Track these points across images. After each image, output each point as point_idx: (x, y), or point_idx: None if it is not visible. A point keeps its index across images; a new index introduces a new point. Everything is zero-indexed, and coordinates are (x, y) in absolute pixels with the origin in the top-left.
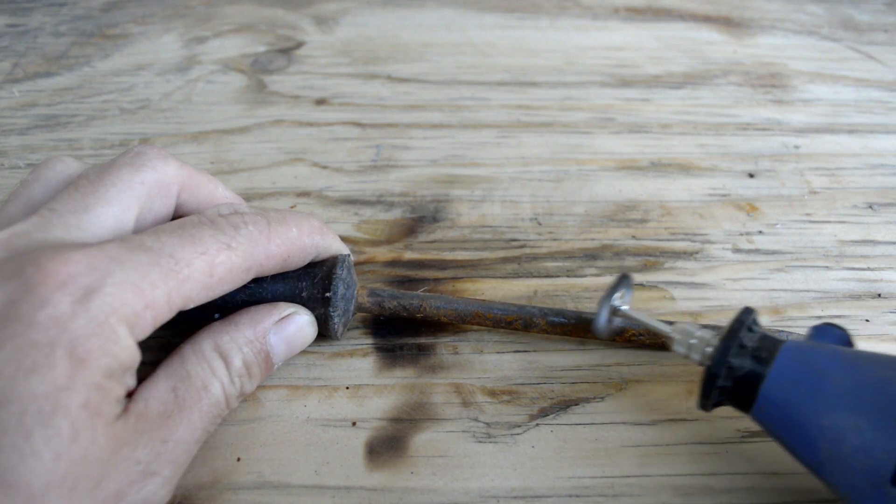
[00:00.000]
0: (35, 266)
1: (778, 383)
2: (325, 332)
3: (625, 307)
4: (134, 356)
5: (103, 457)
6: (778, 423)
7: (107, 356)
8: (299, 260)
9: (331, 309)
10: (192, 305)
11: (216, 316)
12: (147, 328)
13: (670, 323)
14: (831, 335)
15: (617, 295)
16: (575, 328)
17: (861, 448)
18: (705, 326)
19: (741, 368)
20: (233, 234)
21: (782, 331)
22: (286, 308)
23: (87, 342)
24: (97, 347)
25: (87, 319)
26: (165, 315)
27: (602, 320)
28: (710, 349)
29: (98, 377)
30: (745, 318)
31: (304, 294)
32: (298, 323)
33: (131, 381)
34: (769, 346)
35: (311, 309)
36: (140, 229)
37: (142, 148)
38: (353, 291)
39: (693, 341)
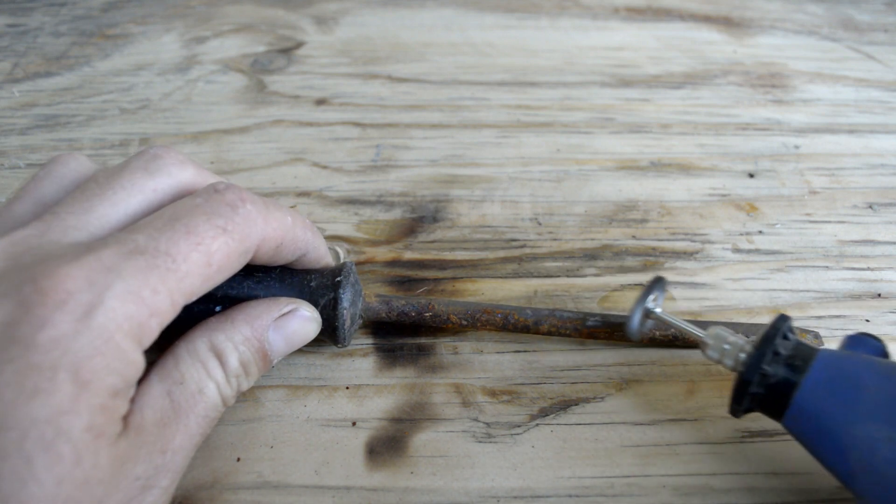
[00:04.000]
0: (32, 284)
1: (811, 392)
2: (332, 323)
3: (658, 310)
4: (140, 368)
5: (105, 478)
6: (809, 431)
7: (112, 375)
8: (290, 251)
9: (341, 291)
10: (194, 299)
11: (217, 308)
12: (154, 335)
13: (703, 326)
14: (866, 345)
15: (650, 297)
16: (577, 331)
17: (894, 460)
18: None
19: (774, 376)
20: (229, 215)
21: (810, 330)
22: (287, 304)
23: (91, 362)
24: (102, 367)
25: (90, 338)
26: (171, 316)
27: (635, 322)
28: (743, 355)
29: (103, 398)
30: (781, 325)
31: (313, 283)
32: (300, 319)
33: (133, 391)
34: (804, 354)
35: (321, 296)
36: None
37: (159, 150)
38: (360, 290)
39: (726, 346)
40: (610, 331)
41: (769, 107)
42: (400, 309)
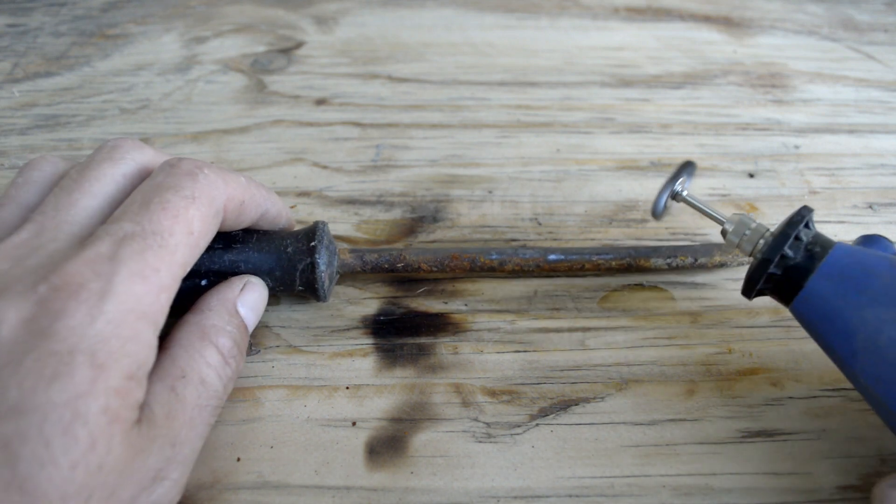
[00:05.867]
0: (45, 283)
1: (826, 276)
2: (312, 285)
3: (684, 192)
4: (153, 352)
5: (119, 466)
6: (818, 315)
7: (127, 357)
8: (253, 209)
9: (317, 256)
10: (187, 270)
11: (203, 283)
12: (165, 312)
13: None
14: (879, 244)
15: (679, 180)
16: (539, 267)
17: None
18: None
19: (793, 259)
20: (192, 184)
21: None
22: (240, 280)
23: (108, 345)
24: (118, 349)
25: (104, 322)
26: (174, 291)
27: (662, 202)
28: (762, 242)
29: (118, 380)
30: (806, 214)
31: (289, 249)
32: (254, 289)
33: (146, 381)
34: (822, 243)
35: (299, 261)
36: None
37: (117, 141)
38: (334, 248)
39: (748, 232)
40: (570, 265)
41: (769, 107)
42: (374, 262)
